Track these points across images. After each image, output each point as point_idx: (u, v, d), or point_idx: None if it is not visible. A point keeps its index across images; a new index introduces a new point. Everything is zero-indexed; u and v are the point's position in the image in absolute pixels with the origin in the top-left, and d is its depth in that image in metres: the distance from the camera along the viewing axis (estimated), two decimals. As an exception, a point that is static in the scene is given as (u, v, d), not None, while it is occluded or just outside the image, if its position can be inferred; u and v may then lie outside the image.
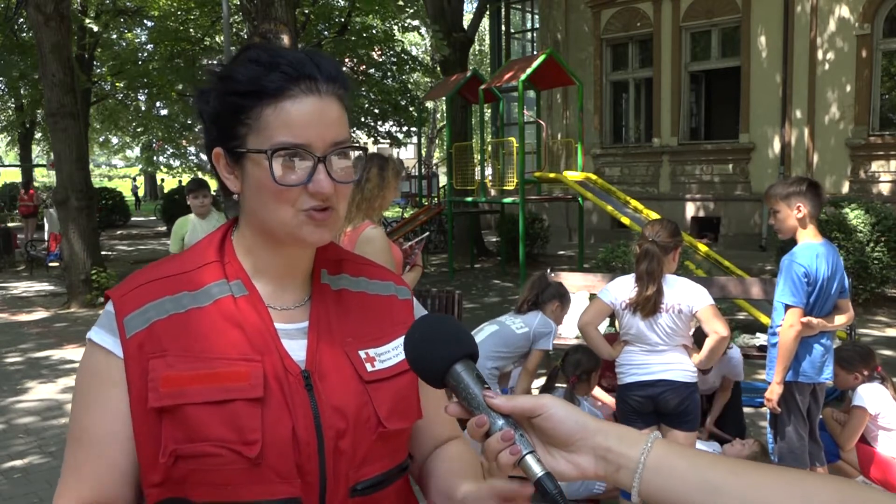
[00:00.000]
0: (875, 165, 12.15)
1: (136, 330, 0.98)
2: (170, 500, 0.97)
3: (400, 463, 1.08)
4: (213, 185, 6.89)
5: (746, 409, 5.19)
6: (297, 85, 0.97)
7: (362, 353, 1.04)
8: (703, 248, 9.06)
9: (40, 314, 9.86)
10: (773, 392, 3.42)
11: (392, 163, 3.46)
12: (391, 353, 1.07)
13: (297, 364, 1.00)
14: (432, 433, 1.15)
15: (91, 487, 0.98)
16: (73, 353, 7.61)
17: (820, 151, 12.63)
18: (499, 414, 0.81)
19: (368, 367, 1.03)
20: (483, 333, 4.34)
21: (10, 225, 17.39)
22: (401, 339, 1.07)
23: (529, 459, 0.78)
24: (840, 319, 3.47)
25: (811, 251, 3.32)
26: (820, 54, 12.44)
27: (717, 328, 3.22)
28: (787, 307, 3.32)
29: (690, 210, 14.20)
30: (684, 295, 3.28)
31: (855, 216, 8.70)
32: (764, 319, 7.03)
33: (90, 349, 1.02)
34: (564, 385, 4.27)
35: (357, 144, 1.03)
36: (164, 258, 1.09)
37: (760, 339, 6.13)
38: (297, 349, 1.02)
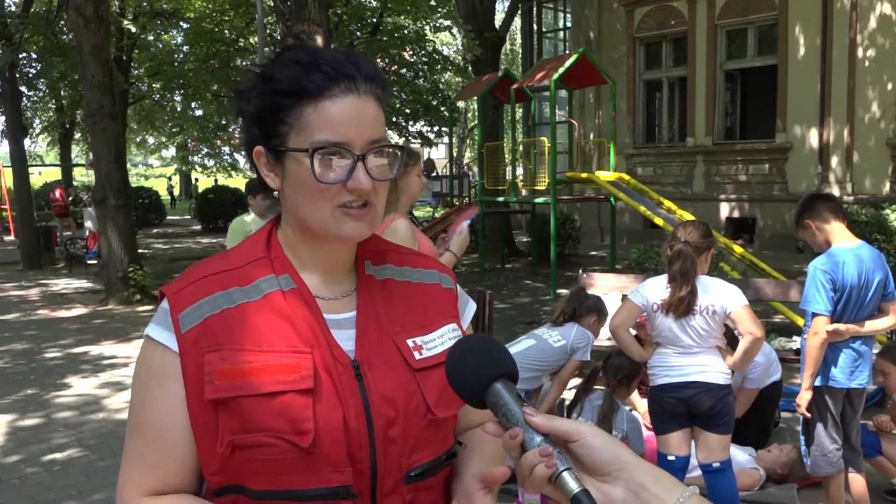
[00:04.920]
0: (917, 165, 11.86)
1: (190, 325, 1.01)
2: (228, 487, 1.01)
3: (448, 449, 1.10)
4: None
5: (785, 414, 5.10)
6: (336, 84, 1.00)
7: (410, 342, 1.06)
8: (738, 249, 8.93)
9: (79, 310, 10.08)
10: (802, 398, 3.42)
11: (403, 155, 3.42)
12: (438, 341, 1.09)
13: (346, 354, 1.03)
14: (468, 417, 1.17)
15: (157, 477, 1.01)
16: (111, 348, 7.76)
17: (859, 151, 12.36)
18: (537, 432, 0.81)
19: (416, 355, 1.05)
20: (521, 346, 4.35)
21: (50, 223, 17.77)
22: (447, 327, 1.11)
23: (566, 476, 0.78)
24: (879, 323, 3.39)
25: (836, 257, 3.29)
26: (860, 52, 12.17)
27: (751, 329, 3.18)
28: (813, 315, 3.30)
29: (725, 211, 14.00)
30: (718, 296, 3.24)
31: (896, 217, 8.50)
32: (801, 322, 6.89)
33: (147, 344, 1.06)
34: (602, 388, 4.25)
35: (394, 143, 1.06)
36: (214, 255, 1.13)
37: (797, 341, 6.03)
38: (345, 339, 1.04)
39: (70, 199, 19.42)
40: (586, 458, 0.80)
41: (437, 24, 16.73)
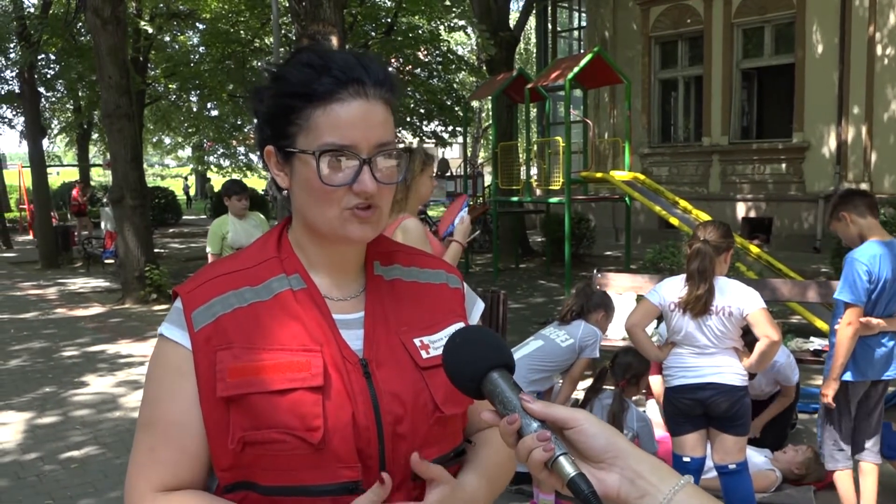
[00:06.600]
0: (937, 165, 11.71)
1: (203, 324, 1.03)
2: (239, 483, 1.03)
3: (456, 447, 1.12)
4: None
5: (801, 416, 5.06)
6: (345, 88, 1.02)
7: (417, 341, 1.08)
8: (754, 249, 8.85)
9: (96, 309, 10.16)
10: (829, 388, 3.40)
11: (419, 155, 3.42)
12: (444, 341, 1.09)
13: (354, 353, 1.05)
14: (478, 418, 1.17)
15: (168, 472, 1.03)
16: (128, 347, 7.82)
17: (878, 150, 12.23)
18: (533, 419, 0.83)
19: (423, 354, 1.07)
20: (529, 348, 4.33)
21: (67, 223, 17.94)
22: (454, 327, 1.12)
23: (563, 460, 0.79)
24: None
25: (872, 250, 3.31)
26: (879, 49, 12.04)
27: (767, 332, 3.15)
28: (846, 305, 3.28)
29: (741, 210, 13.90)
30: (735, 297, 3.22)
31: (915, 217, 8.38)
32: (818, 323, 6.83)
33: (161, 342, 1.08)
34: (611, 387, 4.23)
35: (401, 147, 1.08)
36: (226, 256, 1.15)
37: (814, 343, 5.97)
38: (354, 339, 1.06)
39: (86, 197, 19.57)
40: (582, 445, 0.81)
41: (452, 24, 16.71)
